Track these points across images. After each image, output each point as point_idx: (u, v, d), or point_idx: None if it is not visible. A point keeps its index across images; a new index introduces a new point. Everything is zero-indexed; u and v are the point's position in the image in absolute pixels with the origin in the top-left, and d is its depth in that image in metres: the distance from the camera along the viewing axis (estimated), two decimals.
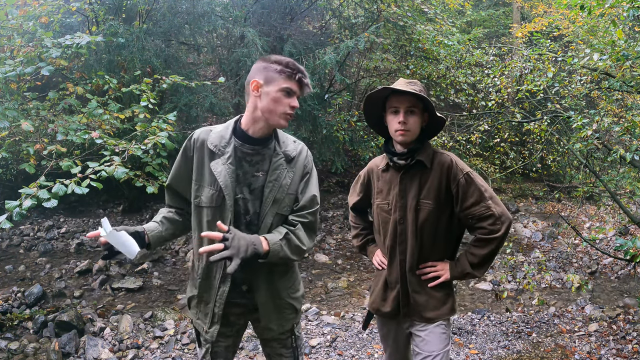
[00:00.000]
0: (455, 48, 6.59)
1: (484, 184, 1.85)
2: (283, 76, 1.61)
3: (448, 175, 1.84)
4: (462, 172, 1.84)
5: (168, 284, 5.03)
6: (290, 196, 1.71)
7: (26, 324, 3.88)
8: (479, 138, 6.26)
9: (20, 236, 6.11)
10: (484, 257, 1.85)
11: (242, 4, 6.51)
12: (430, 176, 1.87)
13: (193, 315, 1.84)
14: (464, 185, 1.83)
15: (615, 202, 4.82)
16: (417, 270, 1.91)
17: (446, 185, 1.85)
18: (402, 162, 1.88)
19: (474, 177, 1.84)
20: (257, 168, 1.68)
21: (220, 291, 1.71)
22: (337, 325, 4.01)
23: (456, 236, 1.99)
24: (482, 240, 1.84)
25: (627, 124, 4.04)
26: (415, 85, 1.86)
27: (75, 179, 2.88)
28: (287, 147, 1.74)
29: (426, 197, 1.87)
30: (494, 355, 3.61)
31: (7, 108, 3.39)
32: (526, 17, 11.03)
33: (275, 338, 1.86)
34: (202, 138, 1.71)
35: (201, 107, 6.22)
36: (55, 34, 4.22)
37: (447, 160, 1.86)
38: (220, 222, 1.53)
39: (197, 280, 1.76)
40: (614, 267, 5.66)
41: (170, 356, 3.49)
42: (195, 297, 1.78)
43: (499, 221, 1.80)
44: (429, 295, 1.91)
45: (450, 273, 1.90)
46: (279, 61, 1.63)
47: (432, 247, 1.91)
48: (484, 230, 1.83)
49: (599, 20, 5.05)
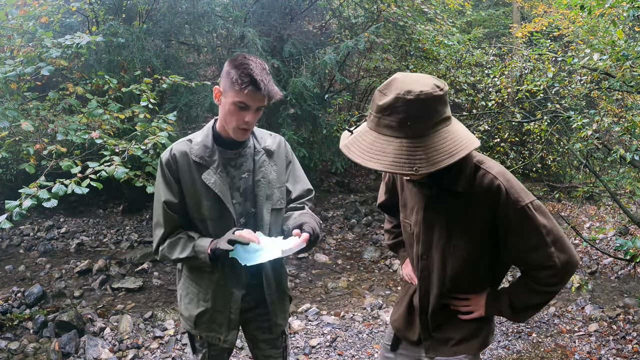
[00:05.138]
0: (455, 48, 6.59)
1: (546, 222, 1.34)
2: (236, 88, 1.47)
3: (495, 207, 1.32)
4: (516, 205, 1.31)
5: (168, 284, 5.03)
6: (280, 189, 1.70)
7: (26, 324, 3.88)
8: (479, 138, 6.25)
9: (20, 236, 6.11)
10: (531, 306, 1.47)
11: (242, 4, 6.51)
12: (467, 206, 1.35)
13: (203, 330, 1.73)
14: (516, 225, 1.32)
15: (615, 202, 4.82)
16: (446, 300, 1.53)
17: (491, 222, 1.35)
18: (426, 192, 1.41)
19: (532, 213, 1.32)
20: (242, 170, 1.66)
21: (235, 297, 1.68)
22: (337, 325, 4.01)
23: (502, 273, 1.56)
24: (532, 289, 1.43)
25: (627, 124, 4.04)
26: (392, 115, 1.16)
27: (75, 179, 2.88)
28: (266, 142, 1.71)
29: (460, 237, 1.39)
30: (494, 355, 3.61)
31: (7, 108, 3.39)
32: (526, 17, 11.02)
33: (265, 339, 1.84)
34: (182, 150, 1.60)
35: (201, 107, 6.21)
36: (55, 34, 4.21)
37: (493, 187, 1.31)
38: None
39: (208, 293, 1.68)
40: (614, 267, 5.65)
41: (170, 356, 3.49)
42: (207, 312, 1.70)
43: (561, 273, 1.37)
44: (457, 328, 1.54)
45: (485, 310, 1.50)
46: (237, 66, 1.48)
47: (465, 290, 1.52)
48: (537, 279, 1.41)
49: (599, 20, 5.04)
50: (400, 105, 1.15)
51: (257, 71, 1.46)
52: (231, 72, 1.49)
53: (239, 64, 1.48)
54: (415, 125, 1.16)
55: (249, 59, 1.49)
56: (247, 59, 1.49)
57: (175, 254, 1.60)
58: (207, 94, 6.07)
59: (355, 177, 8.86)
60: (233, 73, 1.48)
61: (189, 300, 1.74)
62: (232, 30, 6.40)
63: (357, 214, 7.34)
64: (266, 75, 1.49)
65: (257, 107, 1.51)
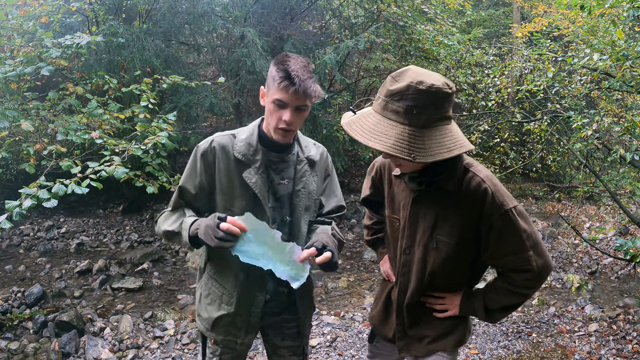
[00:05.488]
0: (455, 48, 6.59)
1: (526, 227, 1.39)
2: (275, 85, 1.43)
3: (480, 209, 1.37)
4: (500, 209, 1.36)
5: (168, 284, 5.03)
6: (316, 201, 1.67)
7: (26, 324, 3.88)
8: (479, 138, 6.26)
9: (20, 236, 6.11)
10: (505, 307, 1.51)
11: (242, 4, 6.51)
12: (453, 206, 1.40)
13: (221, 334, 1.66)
14: (498, 229, 1.37)
15: (615, 202, 4.82)
16: (422, 297, 1.57)
17: (475, 223, 1.39)
18: (414, 187, 1.44)
19: (515, 218, 1.37)
20: (282, 176, 1.60)
21: (257, 301, 1.62)
22: (337, 325, 4.01)
23: (479, 274, 1.60)
24: (508, 290, 1.47)
25: (627, 124, 4.04)
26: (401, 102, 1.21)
27: (75, 179, 2.88)
28: (310, 151, 1.65)
29: (444, 234, 1.43)
30: (494, 355, 3.61)
31: (7, 108, 3.39)
32: (526, 17, 11.02)
33: (287, 346, 1.78)
34: (224, 144, 1.55)
35: (201, 107, 6.22)
36: (55, 34, 4.21)
37: (480, 190, 1.36)
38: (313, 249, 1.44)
39: (232, 297, 1.61)
40: (614, 267, 5.65)
41: (170, 356, 3.49)
42: (230, 316, 1.62)
43: (537, 277, 1.42)
44: (431, 325, 1.58)
45: (459, 310, 1.54)
46: (277, 64, 1.44)
47: (442, 288, 1.56)
48: (513, 282, 1.45)
49: (599, 20, 5.05)
50: (410, 93, 1.20)
51: (295, 68, 1.41)
52: (272, 69, 1.46)
53: (279, 62, 1.45)
54: (420, 116, 1.21)
55: (290, 57, 1.45)
56: (289, 56, 1.45)
57: (165, 226, 1.57)
58: (207, 94, 6.07)
59: (355, 177, 8.86)
60: (273, 71, 1.45)
61: (211, 301, 1.66)
62: (232, 30, 6.40)
63: (357, 214, 7.35)
64: (306, 72, 1.42)
65: (296, 105, 1.44)
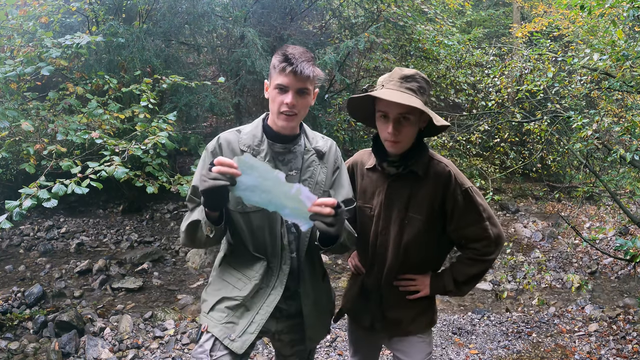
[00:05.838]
0: (455, 48, 6.59)
1: (482, 202, 1.69)
2: (276, 71, 1.48)
3: (444, 189, 1.64)
4: (461, 187, 1.64)
5: (168, 284, 5.03)
6: (325, 193, 1.64)
7: (26, 324, 3.88)
8: (479, 138, 6.26)
9: (20, 236, 6.11)
10: (471, 276, 1.72)
11: (242, 4, 6.51)
12: (423, 187, 1.66)
13: (218, 319, 1.57)
14: (461, 203, 1.64)
15: (615, 202, 4.82)
16: (395, 282, 1.75)
17: (441, 200, 1.65)
18: (393, 170, 1.68)
19: (473, 195, 1.66)
20: (290, 167, 1.60)
21: (270, 299, 1.55)
22: (337, 325, 4.01)
23: (444, 252, 1.82)
24: (471, 259, 1.71)
25: (627, 124, 4.04)
26: (412, 82, 1.59)
27: (75, 179, 2.88)
28: (317, 142, 1.67)
29: (415, 211, 1.67)
30: (494, 355, 3.61)
31: (7, 108, 3.39)
32: (526, 17, 11.03)
33: (294, 353, 1.76)
34: (230, 139, 1.58)
35: (201, 107, 6.22)
36: (55, 34, 4.22)
37: (444, 173, 1.65)
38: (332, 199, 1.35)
39: (250, 281, 1.56)
40: (614, 267, 5.66)
41: (170, 356, 3.49)
42: (236, 300, 1.56)
43: (494, 244, 1.68)
44: (406, 308, 1.76)
45: (430, 289, 1.73)
46: (279, 51, 1.50)
47: (414, 264, 1.74)
48: (475, 251, 1.69)
49: (599, 20, 5.05)
50: (418, 77, 1.62)
51: (294, 52, 1.47)
52: (273, 60, 1.50)
53: (278, 51, 1.50)
54: (423, 95, 1.61)
55: (290, 46, 1.51)
56: (288, 46, 1.51)
57: (186, 224, 1.54)
58: (207, 94, 6.07)
59: None
60: (274, 59, 1.49)
61: (222, 286, 1.62)
62: (232, 30, 6.40)
63: None
64: (304, 55, 1.48)
65: (297, 88, 1.47)
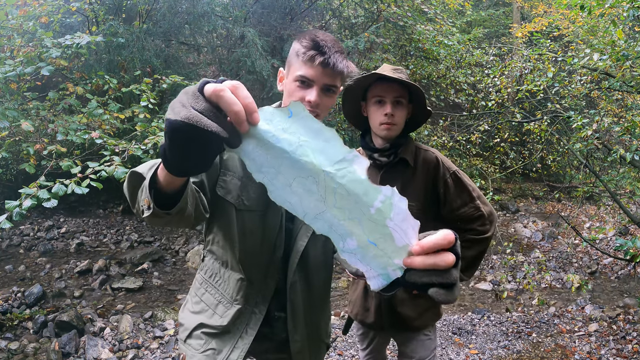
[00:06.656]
0: (455, 48, 6.59)
1: (471, 183, 1.75)
2: (299, 60, 1.21)
3: (435, 175, 1.72)
4: (449, 171, 1.72)
5: (168, 284, 5.03)
6: None
7: (26, 324, 3.88)
8: (479, 138, 6.26)
9: (20, 236, 6.11)
10: (474, 258, 1.74)
11: (242, 4, 6.51)
12: (414, 176, 1.73)
13: (196, 347, 1.36)
14: (452, 186, 1.71)
15: (615, 202, 4.82)
16: None
17: (432, 186, 1.73)
18: (385, 160, 1.73)
19: (461, 177, 1.73)
20: None
21: (254, 319, 1.33)
22: (337, 325, 4.01)
23: None
24: (471, 241, 1.73)
25: (627, 124, 4.04)
26: (401, 73, 1.69)
27: (75, 179, 2.88)
28: None
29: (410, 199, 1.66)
30: (494, 355, 3.61)
31: (7, 108, 3.39)
32: (526, 17, 11.03)
33: None
34: None
35: None
36: (55, 34, 4.22)
37: (432, 159, 1.73)
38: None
39: (231, 306, 1.33)
40: (614, 267, 5.66)
41: (170, 356, 3.49)
42: (216, 329, 1.34)
43: (488, 221, 1.73)
44: (414, 304, 1.80)
45: None
46: (306, 35, 1.24)
47: None
48: (474, 231, 1.73)
49: (599, 20, 5.05)
50: (402, 69, 1.74)
51: (324, 38, 1.21)
52: (295, 45, 1.25)
53: (304, 36, 1.25)
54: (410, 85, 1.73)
55: (320, 31, 1.26)
56: (317, 30, 1.27)
57: None
58: None
59: None
60: (297, 45, 1.24)
61: (201, 309, 1.39)
62: (232, 30, 6.40)
63: None
64: (336, 45, 1.22)
65: (323, 83, 1.21)
